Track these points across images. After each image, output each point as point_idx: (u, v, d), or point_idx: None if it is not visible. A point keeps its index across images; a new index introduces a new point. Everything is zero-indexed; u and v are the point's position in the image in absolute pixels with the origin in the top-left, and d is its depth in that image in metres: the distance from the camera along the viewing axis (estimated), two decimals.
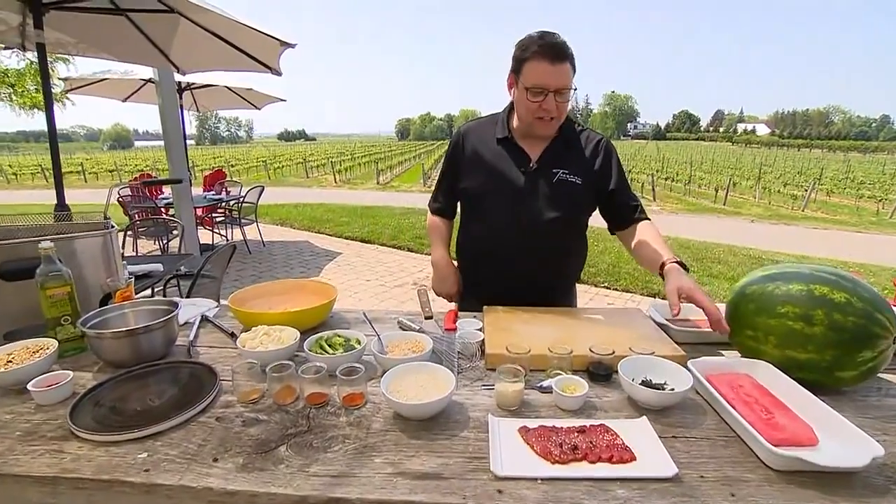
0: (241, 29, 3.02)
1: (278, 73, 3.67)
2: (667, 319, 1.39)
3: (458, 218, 1.74)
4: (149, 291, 3.60)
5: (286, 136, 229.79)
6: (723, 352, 1.27)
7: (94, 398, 1.02)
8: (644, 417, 0.94)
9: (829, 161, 38.94)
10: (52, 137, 2.77)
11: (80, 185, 18.02)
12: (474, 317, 1.46)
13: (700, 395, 1.04)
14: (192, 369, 1.14)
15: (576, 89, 1.41)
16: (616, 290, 5.21)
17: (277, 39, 2.99)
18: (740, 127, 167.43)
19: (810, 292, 1.01)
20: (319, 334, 1.21)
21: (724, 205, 13.17)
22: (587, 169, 1.51)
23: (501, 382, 0.98)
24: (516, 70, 1.42)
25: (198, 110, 7.79)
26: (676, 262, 1.31)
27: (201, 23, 3.11)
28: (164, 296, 3.60)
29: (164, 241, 6.22)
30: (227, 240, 7.22)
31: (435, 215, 1.75)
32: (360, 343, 1.18)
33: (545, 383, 1.07)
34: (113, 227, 1.45)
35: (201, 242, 6.42)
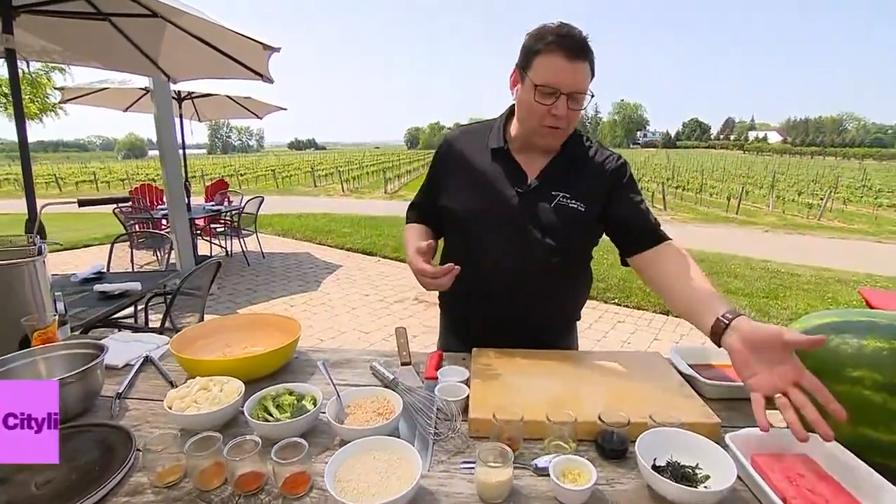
0: (224, 33, 2.87)
1: (269, 80, 3.51)
2: (691, 366, 1.16)
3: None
4: (131, 310, 3.44)
5: (296, 145, 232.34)
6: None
7: None
8: None
9: (844, 169, 38.13)
10: (24, 148, 2.60)
11: (92, 194, 18.13)
12: (463, 359, 1.24)
13: (742, 480, 0.80)
14: (107, 435, 0.93)
15: (592, 95, 1.14)
16: (627, 307, 4.95)
17: (260, 43, 2.83)
18: (752, 135, 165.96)
19: (895, 352, 0.76)
20: (266, 391, 0.99)
21: (736, 214, 12.80)
22: (593, 193, 1.23)
23: (483, 468, 0.75)
24: (524, 64, 1.14)
25: (199, 119, 7.69)
26: (741, 314, 0.91)
27: (184, 27, 2.96)
28: (146, 316, 3.41)
29: (162, 254, 6.07)
30: (227, 251, 7.07)
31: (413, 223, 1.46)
32: (315, 402, 0.96)
33: (541, 462, 0.83)
34: (42, 251, 1.25)
35: (200, 254, 6.26)
